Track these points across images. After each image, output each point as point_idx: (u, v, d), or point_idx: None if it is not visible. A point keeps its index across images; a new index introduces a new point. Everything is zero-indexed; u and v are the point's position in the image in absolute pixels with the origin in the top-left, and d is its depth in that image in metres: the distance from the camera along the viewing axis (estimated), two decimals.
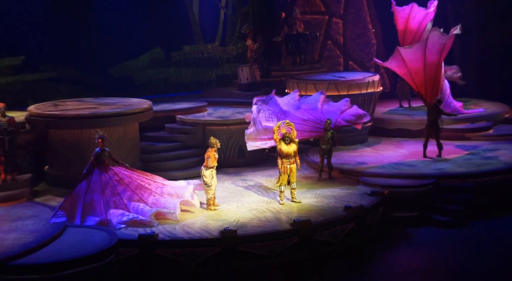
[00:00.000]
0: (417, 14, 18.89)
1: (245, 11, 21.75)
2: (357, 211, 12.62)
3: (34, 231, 11.69)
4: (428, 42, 15.63)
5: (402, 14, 19.07)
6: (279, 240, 11.72)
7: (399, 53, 15.74)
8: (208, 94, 19.85)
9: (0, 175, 13.92)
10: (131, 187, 12.94)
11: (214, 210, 13.00)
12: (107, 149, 13.10)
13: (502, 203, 14.25)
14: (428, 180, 14.21)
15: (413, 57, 15.75)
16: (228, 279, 11.32)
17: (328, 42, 22.25)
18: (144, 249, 11.40)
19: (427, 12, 18.86)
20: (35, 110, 15.32)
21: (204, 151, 14.47)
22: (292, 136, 13.29)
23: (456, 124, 17.33)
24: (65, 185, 14.17)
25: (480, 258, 12.15)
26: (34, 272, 10.29)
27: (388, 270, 11.91)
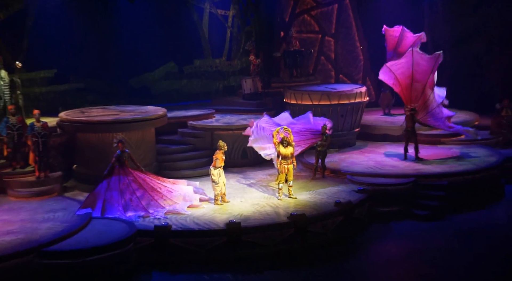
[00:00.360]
0: (406, 36, 18.93)
1: (249, 30, 21.80)
2: (346, 206, 12.67)
3: (64, 222, 11.78)
4: (414, 59, 15.62)
5: (393, 35, 19.07)
6: (277, 231, 11.78)
7: (388, 68, 15.79)
8: (216, 103, 19.82)
9: (35, 173, 13.97)
10: (145, 187, 12.97)
11: (220, 204, 12.99)
12: (127, 150, 13.16)
13: (472, 199, 14.28)
14: (408, 179, 14.22)
15: (401, 71, 15.80)
16: (233, 265, 11.31)
17: (321, 58, 22.28)
18: (159, 239, 11.46)
19: (417, 36, 18.88)
20: (65, 116, 15.36)
21: (211, 153, 14.52)
22: (289, 140, 13.34)
23: (433, 130, 17.34)
24: (90, 181, 14.17)
25: (453, 246, 12.23)
26: (64, 258, 10.39)
27: (373, 257, 11.98)
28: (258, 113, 18.02)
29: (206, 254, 11.43)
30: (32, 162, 14.01)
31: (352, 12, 21.82)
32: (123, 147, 13.02)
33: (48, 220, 11.93)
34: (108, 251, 10.63)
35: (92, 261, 10.45)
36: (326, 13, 22.02)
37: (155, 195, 12.90)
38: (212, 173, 12.95)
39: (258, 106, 18.68)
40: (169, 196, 13.03)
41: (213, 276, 10.95)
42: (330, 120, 15.02)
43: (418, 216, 13.66)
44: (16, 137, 13.99)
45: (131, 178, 12.94)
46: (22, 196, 13.62)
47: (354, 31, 21.95)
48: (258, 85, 19.18)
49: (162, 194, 12.99)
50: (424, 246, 12.41)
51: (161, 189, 13.13)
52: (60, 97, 18.32)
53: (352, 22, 21.90)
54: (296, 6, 22.19)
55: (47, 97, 18.13)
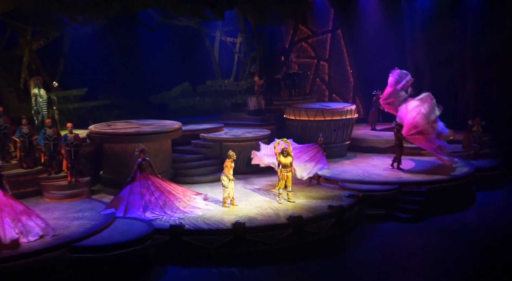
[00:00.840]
0: (401, 79, 19.06)
1: (254, 55, 21.85)
2: (338, 209, 12.62)
3: (92, 221, 11.77)
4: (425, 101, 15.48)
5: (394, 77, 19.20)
6: (277, 230, 11.75)
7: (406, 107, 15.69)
8: (224, 118, 19.79)
9: (67, 178, 13.95)
10: (162, 190, 12.95)
11: (227, 207, 12.93)
12: (147, 158, 13.17)
13: (448, 204, 14.22)
14: (393, 186, 14.17)
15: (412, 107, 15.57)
16: (238, 260, 11.28)
17: (317, 80, 22.34)
18: (174, 236, 11.45)
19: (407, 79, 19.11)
20: (93, 129, 15.37)
21: (221, 161, 14.55)
22: (289, 151, 13.31)
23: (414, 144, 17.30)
24: (114, 185, 14.19)
25: (431, 244, 12.23)
26: (91, 252, 10.39)
27: (362, 253, 11.92)
28: (262, 127, 18.09)
29: (215, 250, 11.40)
30: (65, 168, 13.99)
31: (343, 40, 21.88)
32: (144, 156, 13.03)
33: (78, 219, 11.92)
34: (129, 246, 10.62)
35: (115, 255, 10.45)
36: (321, 41, 22.11)
37: (170, 196, 12.89)
38: (222, 179, 12.92)
39: (261, 121, 18.67)
40: (182, 198, 13.01)
41: (220, 270, 10.93)
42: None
43: (400, 218, 13.60)
44: (52, 146, 13.99)
45: (150, 182, 12.94)
46: (56, 197, 13.61)
47: (345, 57, 22.00)
48: (261, 103, 19.20)
49: (176, 196, 12.98)
50: (405, 244, 12.44)
51: (175, 192, 13.11)
52: (90, 112, 18.34)
53: (343, 49, 21.96)
54: (295, 35, 22.31)
55: (79, 112, 18.14)
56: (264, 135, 16.92)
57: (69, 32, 17.82)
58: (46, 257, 10.12)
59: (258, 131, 17.31)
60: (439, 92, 20.72)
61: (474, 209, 14.64)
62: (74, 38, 17.97)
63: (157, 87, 19.87)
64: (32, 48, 17.05)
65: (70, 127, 13.99)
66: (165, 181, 13.35)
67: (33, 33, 17.11)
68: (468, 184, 15.07)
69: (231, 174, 12.93)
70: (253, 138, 16.57)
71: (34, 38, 17.14)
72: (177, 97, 20.34)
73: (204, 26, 20.68)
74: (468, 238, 12.55)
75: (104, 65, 18.50)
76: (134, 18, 18.40)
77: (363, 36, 21.46)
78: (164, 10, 18.49)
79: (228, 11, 19.29)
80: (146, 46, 19.45)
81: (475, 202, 15.00)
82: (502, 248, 11.75)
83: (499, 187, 16.07)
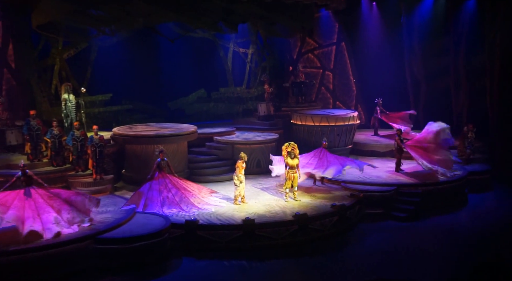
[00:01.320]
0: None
1: (264, 65, 21.85)
2: (340, 208, 12.59)
3: (114, 215, 11.83)
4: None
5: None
6: (284, 227, 11.76)
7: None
8: (236, 122, 19.75)
9: (92, 175, 14.05)
10: (179, 187, 12.99)
11: (238, 204, 12.92)
12: (166, 159, 13.23)
13: (441, 205, 14.15)
14: (391, 187, 14.11)
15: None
16: (247, 254, 11.30)
17: (322, 88, 22.29)
18: (189, 230, 11.48)
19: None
20: (117, 131, 15.46)
21: (233, 162, 14.55)
22: (296, 153, 13.29)
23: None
24: (135, 183, 14.24)
25: (426, 241, 12.22)
26: (114, 244, 10.46)
27: (361, 249, 11.91)
28: (270, 131, 18.05)
29: (226, 244, 11.42)
30: (91, 167, 14.09)
31: (347, 52, 21.84)
32: (163, 156, 13.09)
33: (102, 213, 11.96)
34: (148, 239, 10.68)
35: (135, 247, 10.50)
36: (326, 53, 22.07)
37: (186, 193, 12.93)
38: (234, 178, 12.94)
39: (270, 126, 18.64)
40: (197, 195, 13.05)
41: (231, 262, 10.94)
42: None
43: (397, 217, 13.54)
44: (79, 147, 14.08)
45: (168, 180, 12.99)
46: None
47: (348, 68, 21.96)
48: (270, 109, 19.17)
49: (191, 193, 13.02)
50: (402, 241, 12.35)
51: (191, 189, 13.15)
52: (114, 116, 18.41)
53: (347, 60, 21.91)
54: (302, 47, 22.30)
55: (104, 116, 18.23)
56: (272, 139, 16.93)
57: (96, 43, 17.96)
58: (74, 247, 10.20)
59: (267, 135, 17.31)
60: (434, 102, 20.75)
61: (466, 210, 14.52)
62: (100, 48, 18.11)
63: (175, 93, 19.90)
64: (62, 57, 17.22)
65: (95, 130, 14.10)
66: (181, 179, 13.40)
67: (64, 44, 17.28)
68: (461, 187, 14.96)
69: (242, 174, 12.94)
70: (263, 142, 16.61)
71: (64, 48, 17.30)
72: (193, 103, 20.37)
73: (219, 38, 20.72)
74: (460, 237, 12.47)
75: (127, 73, 18.61)
76: (155, 31, 18.51)
77: (365, 48, 21.44)
78: (182, 23, 18.58)
79: (241, 24, 19.33)
80: (166, 56, 19.55)
81: (467, 204, 14.88)
82: (492, 247, 11.65)
83: (489, 189, 15.94)
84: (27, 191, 10.79)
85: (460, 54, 20.17)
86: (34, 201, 10.64)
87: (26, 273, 9.73)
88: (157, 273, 10.45)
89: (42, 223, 10.34)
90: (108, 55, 18.11)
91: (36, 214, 10.44)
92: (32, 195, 10.72)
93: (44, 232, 10.25)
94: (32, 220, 10.30)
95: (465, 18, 19.97)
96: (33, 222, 10.26)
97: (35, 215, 10.41)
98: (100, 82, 18.02)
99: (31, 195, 10.71)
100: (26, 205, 10.51)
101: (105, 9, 16.23)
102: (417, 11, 20.96)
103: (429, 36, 20.69)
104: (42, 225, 10.30)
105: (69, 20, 16.35)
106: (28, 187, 10.91)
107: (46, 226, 10.31)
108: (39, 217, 10.40)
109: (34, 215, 10.40)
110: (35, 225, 10.24)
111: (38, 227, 10.25)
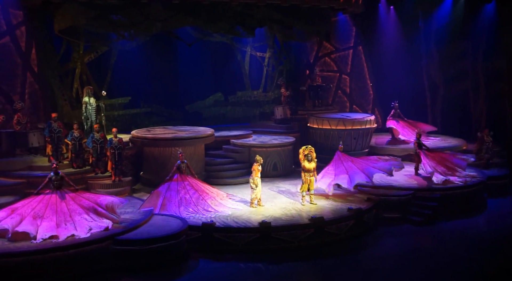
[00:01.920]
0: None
1: (281, 69, 21.85)
2: (356, 211, 12.52)
3: (133, 216, 11.89)
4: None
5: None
6: (300, 230, 11.72)
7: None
8: (253, 126, 19.76)
9: (111, 177, 14.17)
10: (197, 189, 13.04)
11: (254, 207, 12.92)
12: (185, 161, 13.31)
13: (459, 210, 13.96)
14: (408, 191, 13.99)
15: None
16: (264, 256, 11.29)
17: (339, 92, 22.15)
18: (206, 233, 11.50)
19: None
20: (135, 133, 15.61)
21: (249, 165, 14.56)
22: (313, 156, 13.21)
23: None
24: (153, 185, 14.29)
25: (442, 246, 12.04)
26: (132, 245, 10.53)
27: (378, 253, 11.83)
28: (287, 135, 18.02)
29: (243, 247, 11.42)
30: (110, 169, 14.21)
31: (364, 56, 21.70)
32: (182, 158, 13.17)
33: (120, 214, 11.95)
34: (166, 241, 10.73)
35: (153, 249, 10.56)
36: (343, 56, 21.96)
37: (204, 195, 12.97)
38: (250, 181, 12.96)
39: (287, 129, 18.63)
40: (215, 197, 13.09)
41: (247, 265, 10.94)
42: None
43: (414, 221, 13.40)
44: (99, 149, 14.24)
45: (187, 182, 13.06)
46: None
47: (365, 71, 21.81)
48: (287, 112, 19.16)
49: (209, 195, 13.06)
50: (418, 245, 12.27)
51: (209, 191, 13.20)
52: (132, 119, 18.60)
53: (363, 64, 21.77)
54: (319, 51, 22.22)
55: (123, 119, 18.43)
56: (289, 142, 16.91)
57: (116, 47, 18.21)
58: (93, 248, 10.32)
59: (283, 139, 17.30)
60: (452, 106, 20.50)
61: (485, 215, 14.30)
62: (120, 52, 18.35)
63: (192, 97, 20.00)
64: (83, 61, 17.50)
65: (114, 132, 14.21)
66: (201, 182, 13.45)
67: (84, 48, 17.58)
68: (479, 191, 14.73)
69: (258, 177, 12.94)
70: (279, 145, 16.60)
71: (85, 52, 17.59)
72: (210, 106, 20.43)
73: (236, 42, 20.80)
74: (478, 242, 12.28)
75: (146, 77, 18.82)
76: (173, 35, 18.69)
77: (382, 52, 21.29)
78: (200, 27, 18.72)
79: (258, 28, 19.38)
80: (183, 60, 19.69)
81: (486, 209, 14.64)
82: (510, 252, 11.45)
83: (509, 194, 15.65)
84: (60, 194, 11.06)
85: (478, 58, 19.94)
86: (66, 204, 10.90)
87: (47, 272, 9.88)
88: (174, 275, 10.51)
89: (75, 225, 10.59)
90: (127, 59, 18.34)
91: (68, 216, 10.71)
92: (64, 197, 11.01)
93: (79, 233, 10.53)
94: (64, 224, 10.60)
95: (484, 22, 19.76)
96: (66, 227, 10.56)
97: (67, 217, 10.69)
98: (119, 85, 18.25)
99: (65, 197, 10.98)
100: (59, 208, 10.79)
101: (124, 14, 16.47)
102: (435, 15, 20.78)
103: (447, 40, 20.50)
104: (75, 227, 10.56)
105: (90, 25, 16.63)
106: (58, 190, 11.13)
107: (79, 228, 10.57)
108: (72, 219, 10.68)
109: (66, 218, 10.69)
110: (69, 228, 10.54)
111: (73, 231, 10.54)
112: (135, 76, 18.44)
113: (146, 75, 18.78)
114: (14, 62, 15.46)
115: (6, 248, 9.93)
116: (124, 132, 16.50)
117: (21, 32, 15.61)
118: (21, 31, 15.61)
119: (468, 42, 19.98)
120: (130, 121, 18.47)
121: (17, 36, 15.51)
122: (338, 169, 14.01)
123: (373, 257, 11.53)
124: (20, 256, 9.71)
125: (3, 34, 15.29)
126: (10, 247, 9.98)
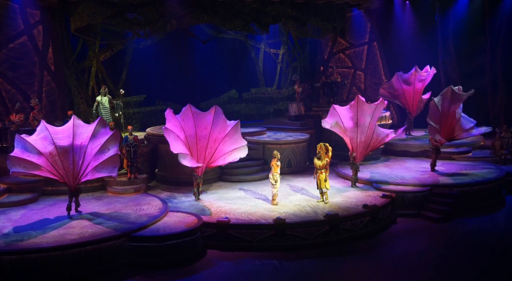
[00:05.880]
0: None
1: (295, 65, 21.78)
2: (372, 208, 12.38)
3: (148, 213, 11.94)
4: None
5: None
6: (315, 227, 11.62)
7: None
8: (267, 123, 19.76)
9: (127, 174, 14.25)
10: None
11: (276, 204, 12.78)
12: None
13: (477, 206, 13.71)
14: (424, 188, 13.79)
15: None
16: (279, 253, 11.22)
17: (353, 88, 21.98)
18: (221, 230, 11.46)
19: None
20: (151, 131, 15.68)
21: (264, 162, 14.44)
22: (322, 155, 13.01)
23: (446, 148, 16.76)
24: (168, 182, 14.40)
25: (459, 243, 11.80)
26: (148, 242, 10.54)
27: (393, 250, 11.62)
28: (301, 131, 17.93)
29: (257, 244, 11.35)
30: (125, 166, 14.27)
31: (379, 52, 21.47)
32: None
33: (136, 211, 12.12)
34: (181, 237, 10.72)
35: (168, 245, 10.57)
36: (357, 52, 21.76)
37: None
38: (270, 177, 12.87)
39: (301, 126, 18.54)
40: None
41: (262, 262, 10.86)
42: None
43: (431, 218, 13.17)
44: (132, 153, 14.15)
45: None
46: (117, 192, 13.89)
47: (380, 67, 21.59)
48: (301, 109, 19.07)
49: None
50: (435, 242, 12.04)
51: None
52: (148, 116, 18.71)
53: (378, 60, 21.55)
54: (333, 47, 22.04)
55: (138, 116, 18.56)
56: (303, 139, 16.79)
57: (131, 45, 18.31)
58: (109, 245, 10.36)
59: (298, 135, 17.20)
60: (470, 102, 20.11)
61: (503, 212, 13.99)
62: (135, 50, 18.45)
63: (207, 94, 20.06)
64: (99, 59, 17.63)
65: (130, 130, 14.28)
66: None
67: (100, 46, 17.70)
68: (498, 188, 14.43)
69: (277, 173, 12.83)
70: (294, 142, 16.50)
71: (101, 51, 17.71)
72: (224, 103, 20.45)
73: (250, 39, 20.76)
74: (495, 239, 12.00)
75: (161, 74, 18.90)
76: (188, 32, 18.70)
77: (397, 48, 21.04)
78: (214, 25, 18.70)
79: (272, 25, 19.31)
80: (198, 57, 19.72)
81: (505, 206, 14.33)
82: None
83: None
84: None
85: (497, 53, 19.54)
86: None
87: (64, 268, 9.94)
88: (189, 271, 10.49)
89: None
90: (143, 57, 18.43)
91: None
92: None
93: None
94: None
95: (503, 17, 19.33)
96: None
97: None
98: (134, 83, 18.37)
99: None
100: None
101: (140, 12, 16.52)
102: (452, 10, 20.43)
103: (464, 35, 20.16)
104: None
105: (106, 24, 16.75)
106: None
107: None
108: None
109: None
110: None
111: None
112: (150, 74, 18.51)
113: (161, 73, 18.83)
114: (32, 61, 15.64)
115: (25, 244, 10.02)
116: (139, 130, 16.64)
117: (38, 31, 15.77)
118: (38, 30, 15.77)
119: (487, 37, 19.60)
120: (146, 119, 18.56)
121: (34, 36, 15.67)
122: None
123: (390, 254, 11.35)
124: (39, 252, 9.79)
125: (21, 34, 15.46)
126: (30, 244, 10.07)
